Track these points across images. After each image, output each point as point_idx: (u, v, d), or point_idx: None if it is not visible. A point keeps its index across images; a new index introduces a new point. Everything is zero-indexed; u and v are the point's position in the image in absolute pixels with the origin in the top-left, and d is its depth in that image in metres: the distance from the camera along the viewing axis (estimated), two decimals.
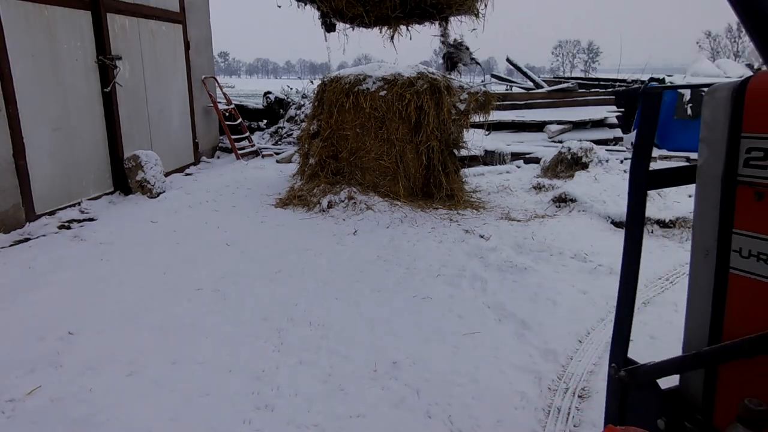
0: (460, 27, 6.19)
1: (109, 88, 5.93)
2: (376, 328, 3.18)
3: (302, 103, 10.81)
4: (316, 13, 6.27)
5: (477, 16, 6.01)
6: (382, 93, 5.66)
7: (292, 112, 10.76)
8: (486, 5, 5.92)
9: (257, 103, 11.66)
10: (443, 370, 2.73)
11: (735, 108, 1.19)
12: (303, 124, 8.66)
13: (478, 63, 6.43)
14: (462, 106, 5.89)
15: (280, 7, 6.16)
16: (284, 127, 10.53)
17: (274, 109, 11.14)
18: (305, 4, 6.19)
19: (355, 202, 5.53)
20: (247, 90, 27.48)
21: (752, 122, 1.16)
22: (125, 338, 3.01)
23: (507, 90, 13.51)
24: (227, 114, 9.22)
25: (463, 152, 6.41)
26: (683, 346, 1.40)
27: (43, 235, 4.70)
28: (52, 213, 5.15)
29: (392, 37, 6.28)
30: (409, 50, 6.50)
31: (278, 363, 2.79)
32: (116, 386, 2.56)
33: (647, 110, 1.39)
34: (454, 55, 6.24)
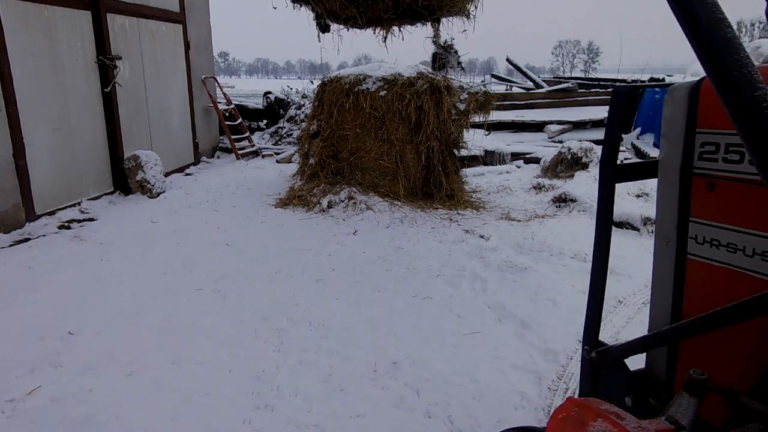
0: (451, 28, 6.28)
1: (109, 88, 5.93)
2: (376, 328, 3.18)
3: (302, 103, 10.80)
4: (311, 14, 6.32)
5: (468, 17, 6.07)
6: (382, 93, 5.66)
7: (292, 112, 10.76)
8: (476, 7, 5.99)
9: (257, 103, 11.66)
10: (443, 370, 2.73)
11: (691, 105, 1.28)
12: (303, 124, 8.66)
13: (462, 68, 6.65)
14: (462, 106, 5.89)
15: (275, 8, 6.21)
16: (284, 127, 10.52)
17: (274, 109, 11.14)
18: (300, 6, 6.23)
19: (355, 202, 5.54)
20: (247, 90, 27.51)
21: (705, 119, 1.26)
22: (125, 338, 3.01)
23: (507, 90, 13.52)
24: (227, 114, 9.22)
25: (463, 152, 6.41)
26: (648, 328, 1.48)
27: (43, 235, 4.71)
28: (52, 213, 5.15)
29: (385, 38, 6.34)
30: (409, 50, 6.53)
31: (278, 363, 2.79)
32: (116, 386, 2.56)
33: (616, 108, 1.46)
34: (442, 57, 6.34)
